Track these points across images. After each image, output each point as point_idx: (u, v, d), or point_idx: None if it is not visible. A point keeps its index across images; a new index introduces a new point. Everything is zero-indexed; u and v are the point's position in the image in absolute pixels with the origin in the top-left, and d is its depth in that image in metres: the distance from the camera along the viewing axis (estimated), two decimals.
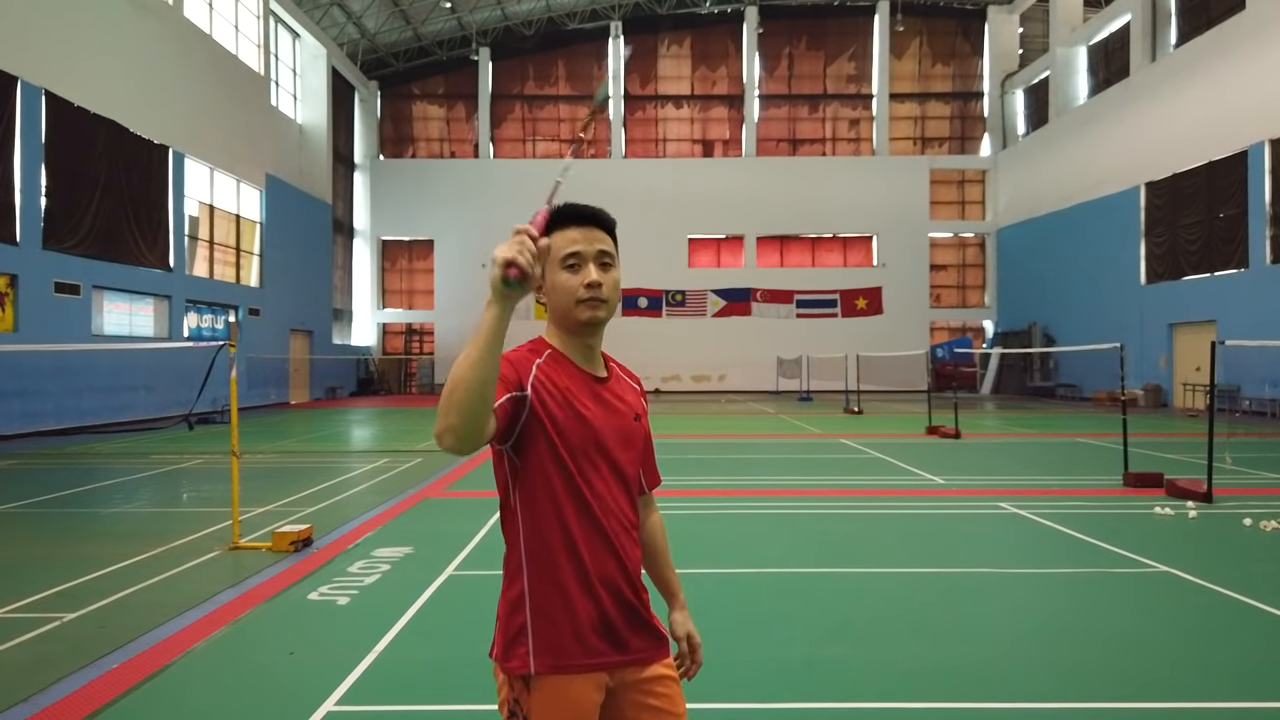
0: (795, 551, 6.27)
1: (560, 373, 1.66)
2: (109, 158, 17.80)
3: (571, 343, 1.71)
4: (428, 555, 6.03)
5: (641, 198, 33.49)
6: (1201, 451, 8.77)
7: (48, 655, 4.04)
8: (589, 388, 1.68)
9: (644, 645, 1.69)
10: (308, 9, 29.06)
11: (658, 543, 1.91)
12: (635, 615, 1.68)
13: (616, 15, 34.77)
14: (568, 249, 1.65)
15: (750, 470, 10.84)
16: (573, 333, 1.70)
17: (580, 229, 1.67)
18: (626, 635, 1.66)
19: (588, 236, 1.67)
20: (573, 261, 1.65)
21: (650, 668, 1.69)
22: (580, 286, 1.65)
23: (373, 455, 12.61)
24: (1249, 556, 6.03)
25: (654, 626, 1.73)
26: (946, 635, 4.34)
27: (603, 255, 1.68)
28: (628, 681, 1.66)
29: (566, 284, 1.66)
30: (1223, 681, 3.71)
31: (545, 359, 1.67)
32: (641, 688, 1.67)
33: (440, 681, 3.71)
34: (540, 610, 1.60)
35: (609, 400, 1.70)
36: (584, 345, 1.71)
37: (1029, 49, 34.63)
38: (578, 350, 1.71)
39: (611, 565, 1.65)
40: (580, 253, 1.65)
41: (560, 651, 1.59)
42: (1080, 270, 27.59)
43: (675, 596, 1.91)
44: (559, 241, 1.66)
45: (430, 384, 35.01)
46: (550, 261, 1.67)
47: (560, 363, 1.68)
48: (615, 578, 1.65)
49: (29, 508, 8.16)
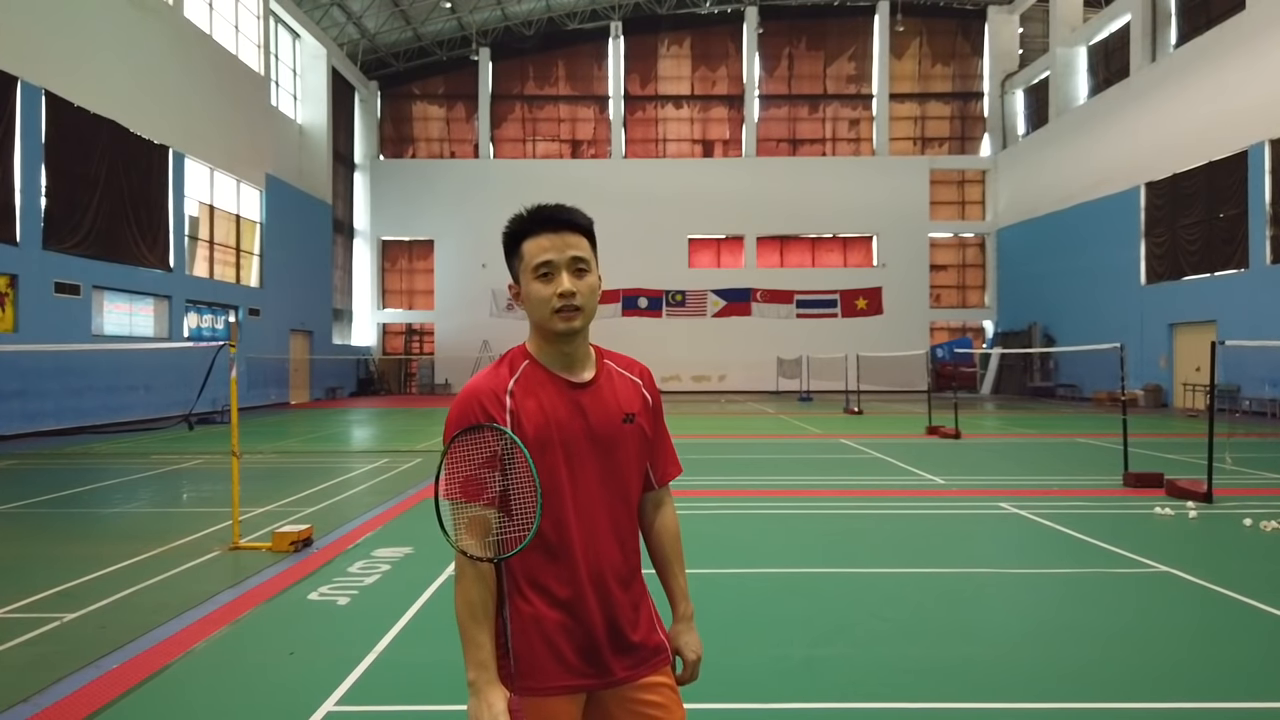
0: (795, 551, 6.27)
1: (535, 389, 1.62)
2: (109, 158, 17.79)
3: (550, 350, 1.67)
4: (428, 555, 6.03)
5: (642, 198, 33.52)
6: (1201, 452, 8.77)
7: (48, 655, 4.04)
8: (564, 396, 1.63)
9: (631, 663, 1.65)
10: (308, 9, 29.06)
11: (665, 548, 1.82)
12: (621, 635, 1.63)
13: (616, 15, 34.77)
14: (539, 258, 1.61)
15: (750, 470, 10.83)
16: (550, 340, 1.66)
17: (551, 235, 1.62)
18: (609, 656, 1.62)
19: (559, 243, 1.62)
20: (545, 271, 1.61)
21: (646, 678, 1.66)
22: (553, 296, 1.60)
23: (373, 455, 12.61)
24: (1249, 556, 6.03)
25: (646, 644, 1.68)
26: (946, 635, 4.34)
27: (576, 261, 1.62)
28: (620, 689, 1.64)
29: (540, 294, 1.62)
30: (1223, 681, 3.70)
31: (519, 376, 1.64)
32: (635, 695, 1.65)
33: (440, 681, 3.71)
34: (520, 632, 1.59)
35: (587, 407, 1.64)
36: (562, 353, 1.66)
37: (1029, 49, 34.64)
38: (556, 357, 1.67)
39: (593, 585, 1.61)
40: (552, 261, 1.61)
41: (539, 674, 1.58)
42: (1080, 270, 27.59)
43: (677, 607, 1.81)
44: (530, 249, 1.63)
45: (430, 384, 35.01)
46: (523, 270, 1.64)
47: (535, 377, 1.64)
48: (599, 596, 1.61)
49: (29, 508, 8.16)
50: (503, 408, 1.60)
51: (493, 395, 1.61)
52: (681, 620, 1.80)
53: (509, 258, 1.70)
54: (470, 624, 1.54)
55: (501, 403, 1.60)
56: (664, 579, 1.83)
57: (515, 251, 1.67)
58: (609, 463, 1.65)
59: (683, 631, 1.79)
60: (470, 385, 1.64)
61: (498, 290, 30.60)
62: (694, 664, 1.77)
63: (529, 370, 1.65)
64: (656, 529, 1.82)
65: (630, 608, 1.67)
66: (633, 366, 1.80)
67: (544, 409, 1.61)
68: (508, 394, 1.61)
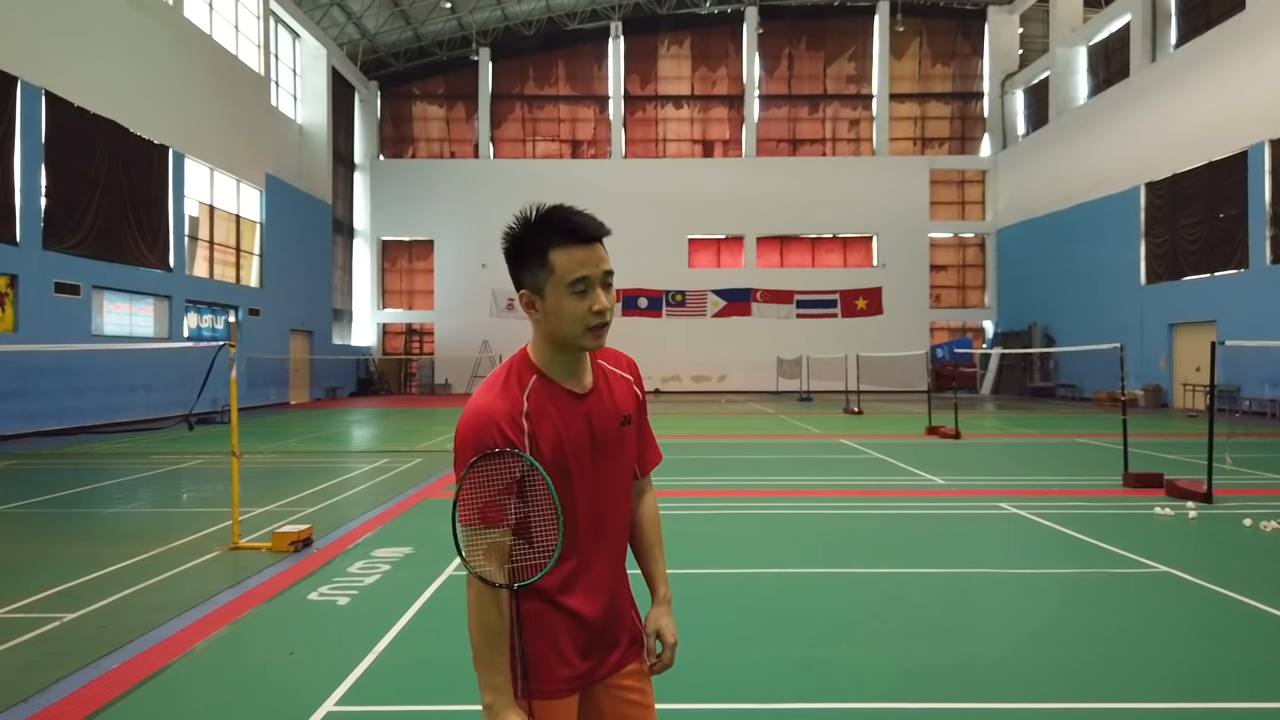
0: (795, 551, 6.27)
1: (547, 407, 1.60)
2: (109, 158, 17.79)
3: (560, 359, 1.63)
4: (428, 555, 6.03)
5: (641, 198, 33.52)
6: (1201, 452, 8.77)
7: (48, 655, 4.04)
8: (573, 410, 1.62)
9: (620, 652, 1.69)
10: (308, 9, 29.06)
11: (647, 535, 1.83)
12: (615, 628, 1.68)
13: (616, 15, 34.77)
14: (576, 273, 1.55)
15: (750, 470, 10.83)
16: (564, 352, 1.62)
17: (585, 248, 1.57)
18: (607, 652, 1.66)
19: (594, 257, 1.57)
20: (581, 287, 1.56)
21: (628, 665, 1.71)
22: (589, 313, 1.57)
23: (373, 455, 12.61)
24: (1249, 556, 6.03)
25: (632, 633, 1.73)
26: (946, 635, 4.34)
27: (607, 276, 1.60)
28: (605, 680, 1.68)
29: (575, 310, 1.56)
30: (1223, 681, 3.70)
31: (530, 394, 1.60)
32: (618, 681, 1.68)
33: (440, 681, 3.71)
34: (533, 635, 1.59)
35: (591, 416, 1.64)
36: (573, 361, 1.64)
37: (1029, 49, 34.64)
38: (565, 366, 1.64)
39: (602, 587, 1.63)
40: (588, 277, 1.56)
41: (548, 675, 1.59)
42: (1080, 270, 27.59)
43: (657, 590, 1.81)
44: (565, 263, 1.55)
45: (430, 384, 35.01)
46: (553, 283, 1.57)
47: (545, 393, 1.61)
48: (607, 598, 1.64)
49: (29, 508, 8.16)
50: (521, 432, 1.56)
51: (510, 419, 1.56)
52: (662, 603, 1.80)
53: (526, 265, 1.60)
54: (487, 649, 1.52)
55: (519, 426, 1.56)
56: (644, 564, 1.84)
57: (540, 262, 1.58)
58: (610, 466, 1.67)
59: (662, 614, 1.78)
60: (483, 406, 1.58)
61: (498, 290, 30.59)
62: (672, 647, 1.76)
63: (538, 386, 1.61)
64: (639, 516, 1.83)
65: (625, 601, 1.71)
66: (620, 361, 1.79)
67: (558, 429, 1.59)
68: (524, 417, 1.57)
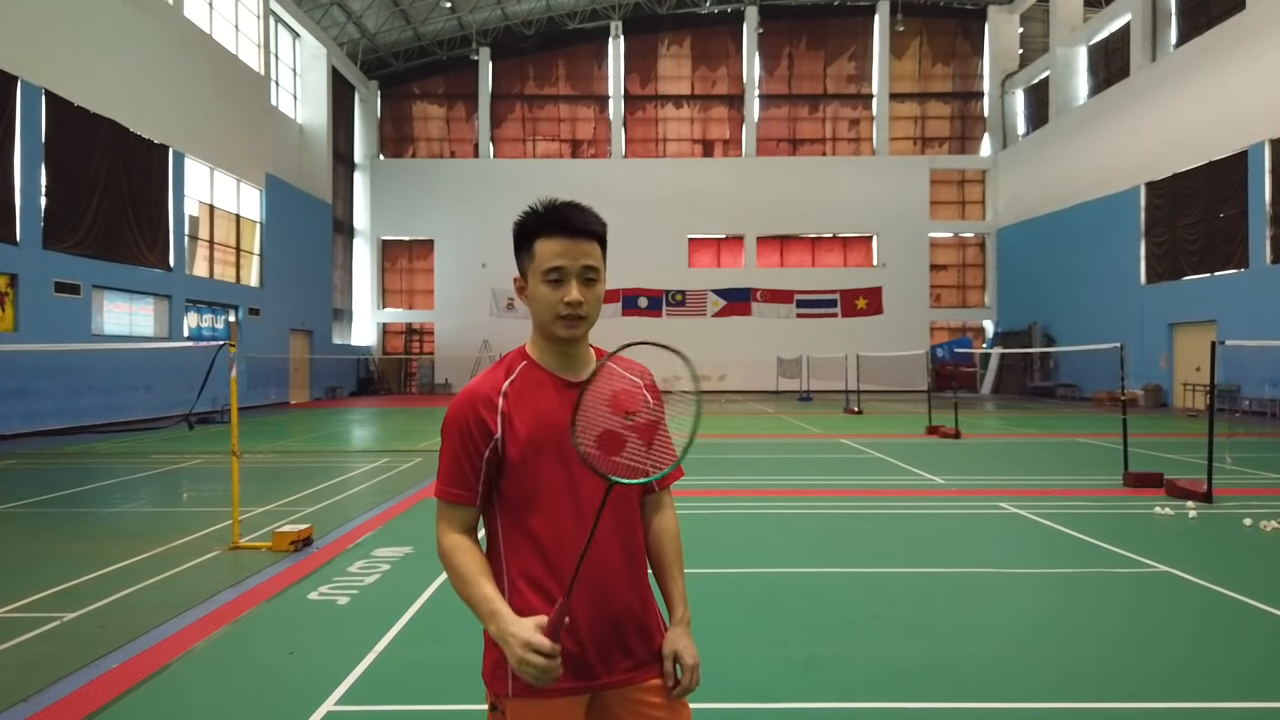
0: (795, 551, 6.27)
1: (530, 390, 1.63)
2: (109, 158, 17.79)
3: (550, 350, 1.67)
4: (428, 555, 6.02)
5: (641, 198, 33.52)
6: (1201, 451, 8.77)
7: (48, 655, 4.04)
8: (561, 396, 1.62)
9: (636, 663, 1.64)
10: (308, 9, 29.06)
11: (664, 552, 1.77)
12: (625, 635, 1.63)
13: (616, 15, 34.77)
14: (551, 262, 1.59)
15: (750, 470, 10.83)
16: (551, 341, 1.66)
17: (566, 240, 1.59)
18: (613, 656, 1.61)
19: (573, 250, 1.60)
20: (556, 277, 1.60)
21: (650, 680, 1.65)
22: (560, 303, 1.59)
23: (373, 455, 12.61)
24: (1249, 556, 6.03)
25: (653, 645, 1.67)
26: (946, 635, 4.34)
27: (587, 271, 1.61)
28: (625, 690, 1.63)
29: (546, 299, 1.61)
30: (1223, 681, 3.71)
31: (515, 378, 1.65)
32: (640, 696, 1.63)
33: (440, 681, 3.71)
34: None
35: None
36: (563, 353, 1.67)
37: (1029, 49, 34.63)
38: (556, 357, 1.67)
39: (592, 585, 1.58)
40: (563, 268, 1.59)
41: None
42: (1080, 270, 27.59)
43: (675, 611, 1.73)
44: (543, 252, 1.60)
45: (430, 384, 35.02)
46: (533, 270, 1.63)
47: (531, 378, 1.65)
48: (599, 596, 1.60)
49: (29, 508, 8.16)
50: (494, 409, 1.61)
51: (485, 397, 1.62)
52: (679, 624, 1.73)
53: (519, 252, 1.68)
54: (468, 587, 1.57)
55: (494, 404, 1.61)
56: (662, 582, 1.78)
57: (527, 248, 1.65)
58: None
59: (680, 636, 1.71)
60: (468, 387, 1.66)
61: (498, 290, 30.61)
62: (693, 669, 1.66)
63: (526, 371, 1.66)
64: (655, 532, 1.78)
65: (637, 608, 1.66)
66: (633, 368, 1.78)
67: (539, 410, 1.61)
68: (500, 395, 1.62)
